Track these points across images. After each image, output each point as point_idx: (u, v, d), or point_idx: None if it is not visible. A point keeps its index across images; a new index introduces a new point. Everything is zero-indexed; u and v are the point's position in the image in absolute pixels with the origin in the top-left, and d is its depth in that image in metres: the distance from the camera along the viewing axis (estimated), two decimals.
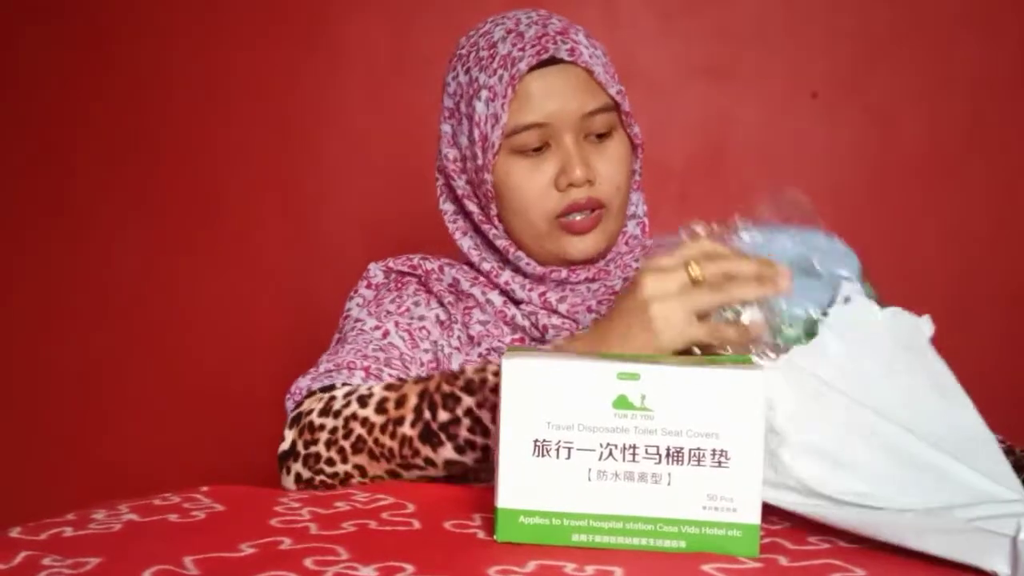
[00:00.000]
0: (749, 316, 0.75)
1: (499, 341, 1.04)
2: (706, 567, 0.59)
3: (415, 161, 1.63)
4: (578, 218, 1.01)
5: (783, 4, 1.80)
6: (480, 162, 1.02)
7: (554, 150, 1.01)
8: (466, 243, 1.09)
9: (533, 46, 0.99)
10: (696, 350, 0.77)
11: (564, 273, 1.05)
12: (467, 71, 1.03)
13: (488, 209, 1.05)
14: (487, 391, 0.80)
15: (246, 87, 1.91)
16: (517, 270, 1.07)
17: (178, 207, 1.94)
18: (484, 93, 1.00)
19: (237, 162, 1.92)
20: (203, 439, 1.89)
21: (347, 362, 0.95)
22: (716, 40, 1.81)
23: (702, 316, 0.76)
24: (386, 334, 1.02)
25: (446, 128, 1.07)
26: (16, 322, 1.99)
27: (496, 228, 1.06)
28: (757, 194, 0.81)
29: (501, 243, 1.06)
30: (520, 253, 1.06)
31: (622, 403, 0.62)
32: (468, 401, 0.80)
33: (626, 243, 1.10)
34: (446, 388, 0.81)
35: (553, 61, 0.99)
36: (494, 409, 0.78)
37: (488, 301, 1.06)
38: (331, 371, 0.94)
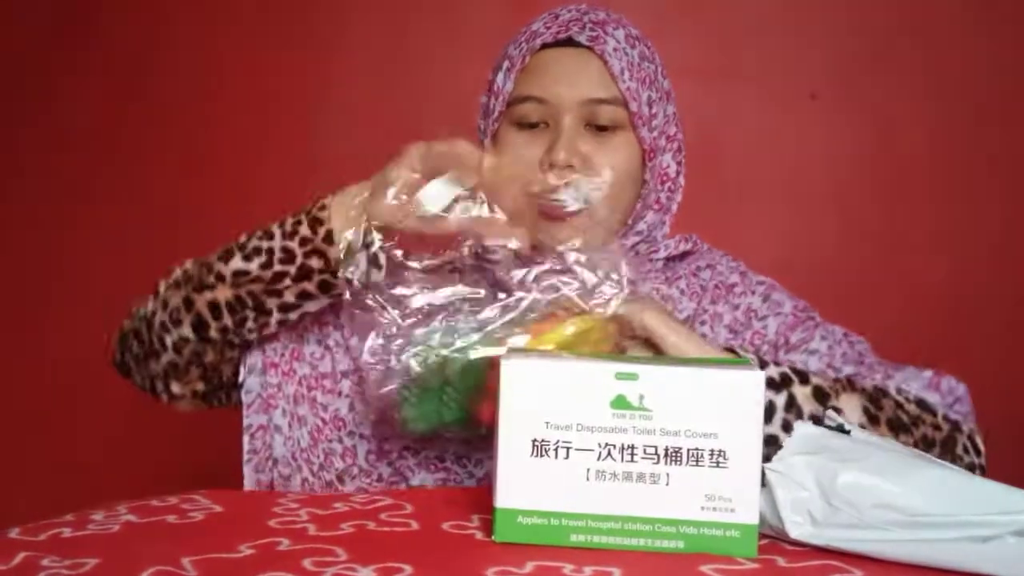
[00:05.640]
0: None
1: None
2: (704, 568, 0.59)
3: None
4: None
5: (782, 4, 1.80)
6: (484, 130, 1.02)
7: (551, 130, 0.97)
8: None
9: (560, 27, 0.99)
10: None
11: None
12: (505, 47, 1.03)
13: None
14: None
15: (243, 85, 1.91)
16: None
17: (172, 205, 1.93)
18: (504, 63, 1.01)
19: (234, 161, 1.91)
20: (202, 440, 1.88)
21: None
22: (714, 41, 1.81)
23: None
24: None
25: (482, 99, 1.06)
26: (14, 322, 1.99)
27: None
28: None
29: None
30: None
31: (620, 403, 0.62)
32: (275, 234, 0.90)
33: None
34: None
35: (573, 44, 0.98)
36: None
37: None
38: None
